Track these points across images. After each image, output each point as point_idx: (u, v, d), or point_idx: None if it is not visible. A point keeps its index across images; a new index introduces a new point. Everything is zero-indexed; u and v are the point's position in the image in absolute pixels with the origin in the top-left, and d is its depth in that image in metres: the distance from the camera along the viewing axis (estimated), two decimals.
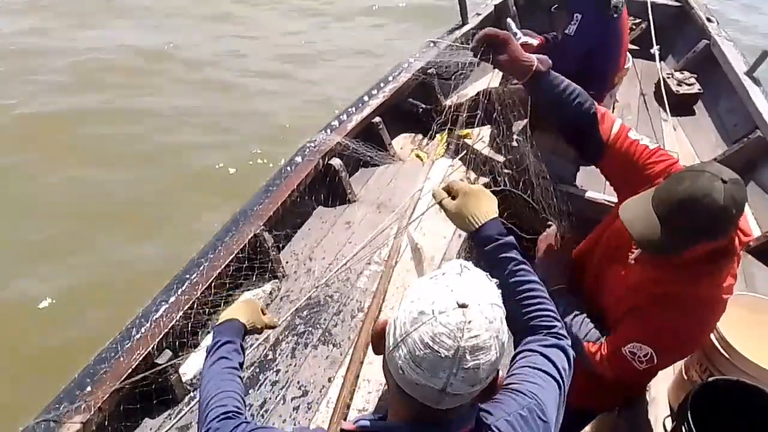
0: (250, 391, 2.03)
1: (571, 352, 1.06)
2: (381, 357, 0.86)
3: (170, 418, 1.93)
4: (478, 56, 1.47)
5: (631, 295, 1.48)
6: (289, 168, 2.87)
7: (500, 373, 0.81)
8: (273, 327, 1.41)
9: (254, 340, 2.21)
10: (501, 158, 3.34)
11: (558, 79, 1.51)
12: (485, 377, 0.75)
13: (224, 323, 1.27)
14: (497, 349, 0.75)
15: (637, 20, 4.64)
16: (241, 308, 1.32)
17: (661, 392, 2.04)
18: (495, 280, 0.81)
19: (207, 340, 2.20)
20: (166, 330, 2.00)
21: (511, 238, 1.12)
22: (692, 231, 1.21)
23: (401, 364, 0.75)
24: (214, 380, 1.11)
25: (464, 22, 4.54)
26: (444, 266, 0.81)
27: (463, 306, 0.73)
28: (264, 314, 1.37)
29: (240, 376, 1.16)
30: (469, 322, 0.72)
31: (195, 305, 2.13)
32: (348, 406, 1.90)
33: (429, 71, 3.87)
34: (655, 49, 4.32)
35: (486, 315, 0.74)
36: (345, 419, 1.71)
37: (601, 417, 1.88)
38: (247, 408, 1.97)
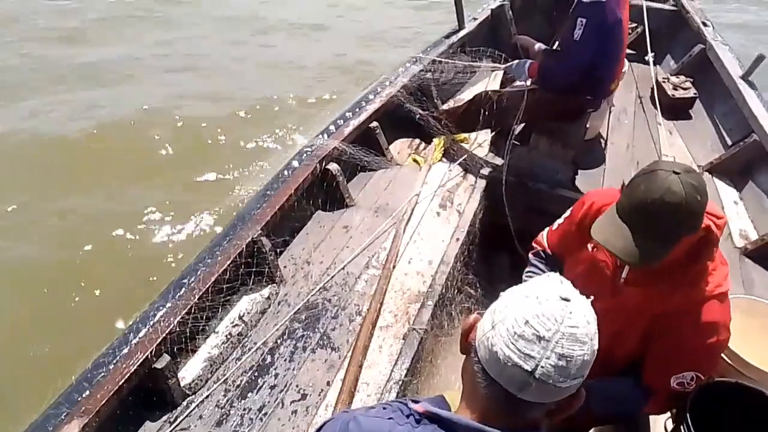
0: (248, 395, 2.02)
1: None
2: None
3: (169, 423, 1.92)
4: None
5: (633, 323, 1.45)
6: (286, 173, 2.87)
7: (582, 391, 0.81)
8: None
9: (252, 344, 2.21)
10: (499, 162, 3.35)
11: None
12: (573, 374, 0.75)
13: None
14: (590, 351, 0.76)
15: (633, 24, 4.66)
16: None
17: None
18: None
19: (206, 345, 2.20)
20: (164, 335, 1.99)
21: None
22: (666, 230, 1.20)
23: (495, 342, 0.77)
24: None
25: (461, 26, 4.56)
26: (544, 275, 0.85)
27: (566, 300, 0.76)
28: None
29: None
30: (571, 312, 0.75)
31: (193, 310, 2.12)
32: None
33: (426, 76, 3.88)
34: (650, 54, 4.34)
35: (585, 314, 0.77)
36: None
37: None
38: (246, 412, 1.97)
